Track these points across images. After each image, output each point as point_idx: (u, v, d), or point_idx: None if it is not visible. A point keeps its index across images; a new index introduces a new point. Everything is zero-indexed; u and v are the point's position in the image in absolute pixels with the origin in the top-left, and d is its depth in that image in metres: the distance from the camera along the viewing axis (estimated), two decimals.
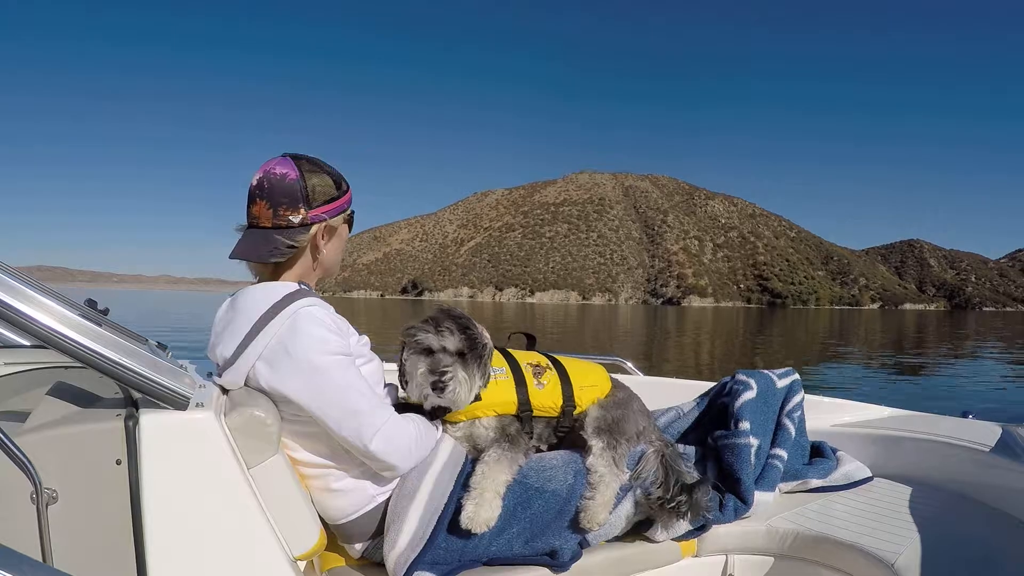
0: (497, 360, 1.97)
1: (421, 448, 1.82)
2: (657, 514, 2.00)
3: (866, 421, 2.97)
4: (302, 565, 1.62)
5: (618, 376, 2.25)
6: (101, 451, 1.35)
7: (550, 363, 2.06)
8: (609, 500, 1.90)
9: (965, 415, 2.93)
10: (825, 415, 2.96)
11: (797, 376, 2.57)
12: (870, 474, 2.54)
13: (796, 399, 2.53)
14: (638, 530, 2.05)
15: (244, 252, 1.76)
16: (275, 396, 1.68)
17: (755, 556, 2.16)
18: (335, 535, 1.89)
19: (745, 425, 2.29)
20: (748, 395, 2.37)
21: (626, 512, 1.97)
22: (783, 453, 2.39)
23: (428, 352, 1.84)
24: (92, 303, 2.10)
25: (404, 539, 1.74)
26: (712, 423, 2.43)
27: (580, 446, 1.99)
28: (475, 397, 1.88)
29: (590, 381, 2.07)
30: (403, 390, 1.95)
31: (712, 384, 2.65)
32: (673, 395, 2.73)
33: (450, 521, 1.78)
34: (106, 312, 2.10)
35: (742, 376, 2.46)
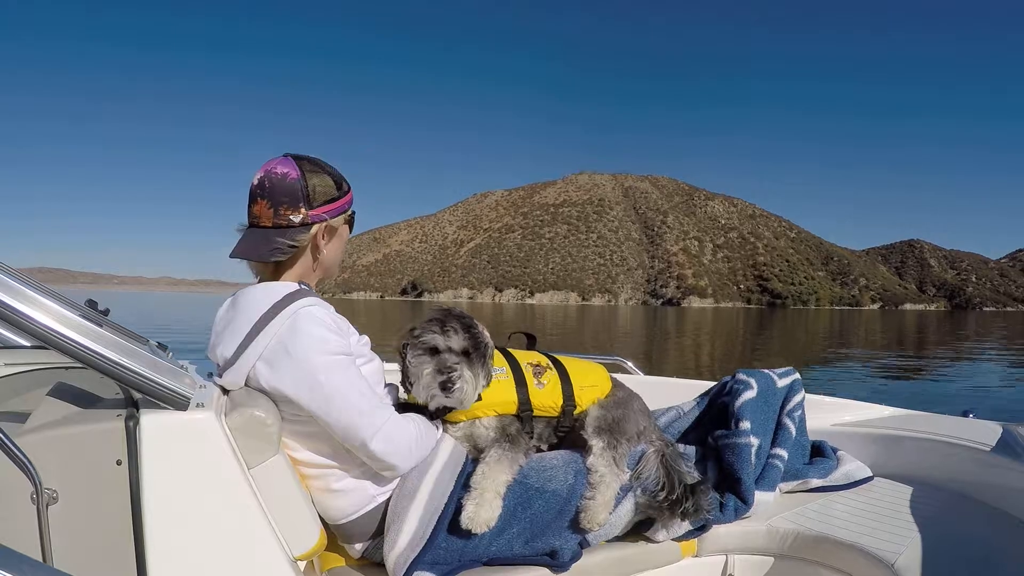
0: (497, 360, 1.97)
1: (421, 448, 1.82)
2: (657, 514, 2.00)
3: (866, 421, 2.97)
4: (302, 565, 1.62)
5: (618, 376, 2.25)
6: (101, 451, 1.35)
7: (550, 363, 2.06)
8: (609, 500, 1.90)
9: (966, 414, 2.93)
10: (825, 414, 2.96)
11: (797, 375, 2.57)
12: (870, 474, 2.54)
13: (797, 398, 2.53)
14: (638, 530, 2.05)
15: (244, 251, 1.76)
16: (276, 396, 1.68)
17: (755, 556, 2.16)
18: (335, 535, 1.89)
19: (746, 425, 2.29)
20: (748, 394, 2.37)
21: (626, 512, 1.97)
22: (783, 453, 2.39)
23: (434, 352, 1.84)
24: (92, 304, 2.10)
25: (404, 539, 1.74)
26: (712, 423, 2.43)
27: (580, 446, 1.99)
28: (477, 397, 1.88)
29: (590, 381, 2.07)
30: (405, 392, 1.95)
31: (712, 384, 2.65)
32: (673, 395, 2.73)
33: (450, 521, 1.78)
34: (106, 313, 2.10)
35: (742, 375, 2.46)
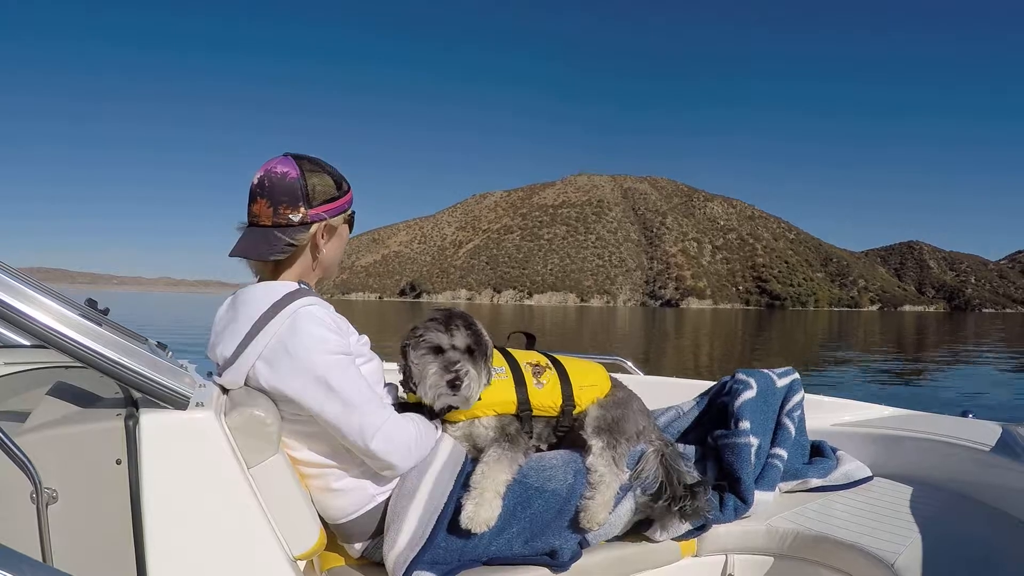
0: (496, 359, 1.97)
1: (421, 447, 1.82)
2: (657, 514, 2.00)
3: (866, 420, 2.96)
4: (302, 565, 1.62)
5: (618, 376, 2.25)
6: (101, 451, 1.35)
7: (550, 363, 2.06)
8: (609, 500, 1.90)
9: (965, 414, 2.93)
10: (825, 414, 2.96)
11: (797, 375, 2.57)
12: (870, 474, 2.54)
13: (796, 398, 2.53)
14: (638, 530, 2.05)
15: (244, 250, 1.76)
16: (275, 395, 1.68)
17: (755, 556, 2.16)
18: (335, 535, 1.89)
19: (745, 424, 2.29)
20: (748, 394, 2.37)
21: (626, 512, 1.97)
22: (783, 452, 2.39)
23: (438, 351, 1.84)
24: (92, 303, 2.09)
25: (404, 538, 1.74)
26: (712, 422, 2.43)
27: (580, 446, 1.98)
28: (477, 396, 1.88)
29: (590, 381, 2.07)
30: (405, 392, 1.95)
31: (712, 383, 2.65)
32: (673, 394, 2.73)
33: (450, 521, 1.78)
34: (106, 312, 2.09)
35: (742, 375, 2.46)
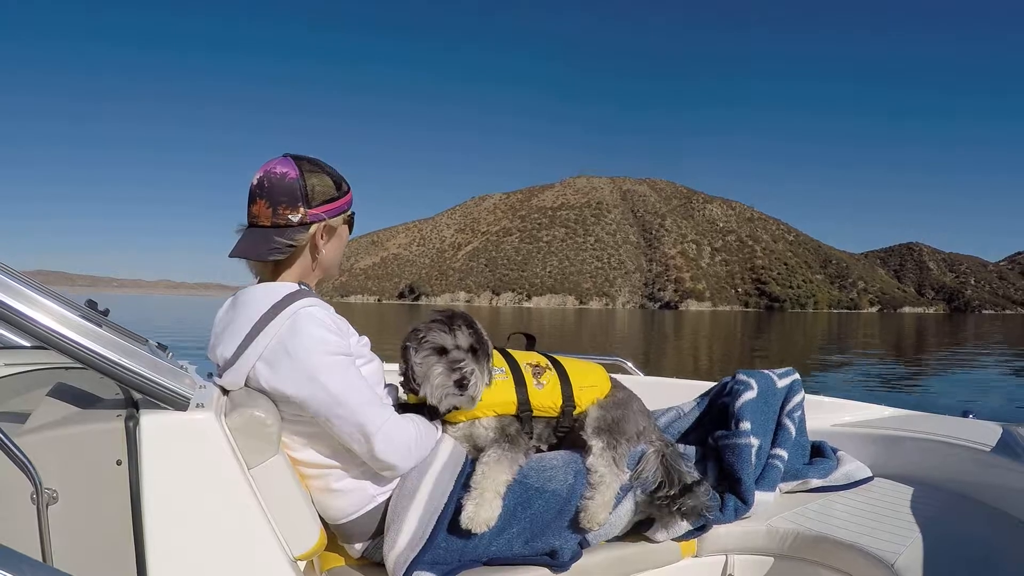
0: (497, 360, 1.97)
1: (421, 448, 1.82)
2: (657, 514, 2.00)
3: (866, 421, 2.97)
4: (302, 565, 1.62)
5: (618, 376, 2.25)
6: (101, 451, 1.35)
7: (550, 363, 2.06)
8: (609, 500, 1.90)
9: (965, 415, 2.93)
10: (825, 415, 2.96)
11: (797, 376, 2.57)
12: (870, 474, 2.54)
13: (796, 399, 2.53)
14: (638, 530, 2.05)
15: (244, 250, 1.77)
16: (275, 396, 1.68)
17: (755, 556, 2.16)
18: (335, 535, 1.89)
19: (746, 425, 2.29)
20: (748, 395, 2.37)
21: (626, 512, 1.97)
22: (783, 453, 2.39)
23: (441, 351, 1.84)
24: (92, 304, 2.09)
25: (404, 539, 1.74)
26: (713, 423, 2.43)
27: (580, 446, 1.98)
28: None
29: (590, 381, 2.07)
30: (406, 393, 1.95)
31: (712, 384, 2.65)
32: (673, 395, 2.73)
33: (450, 521, 1.78)
34: (106, 313, 2.09)
35: (742, 376, 2.46)
